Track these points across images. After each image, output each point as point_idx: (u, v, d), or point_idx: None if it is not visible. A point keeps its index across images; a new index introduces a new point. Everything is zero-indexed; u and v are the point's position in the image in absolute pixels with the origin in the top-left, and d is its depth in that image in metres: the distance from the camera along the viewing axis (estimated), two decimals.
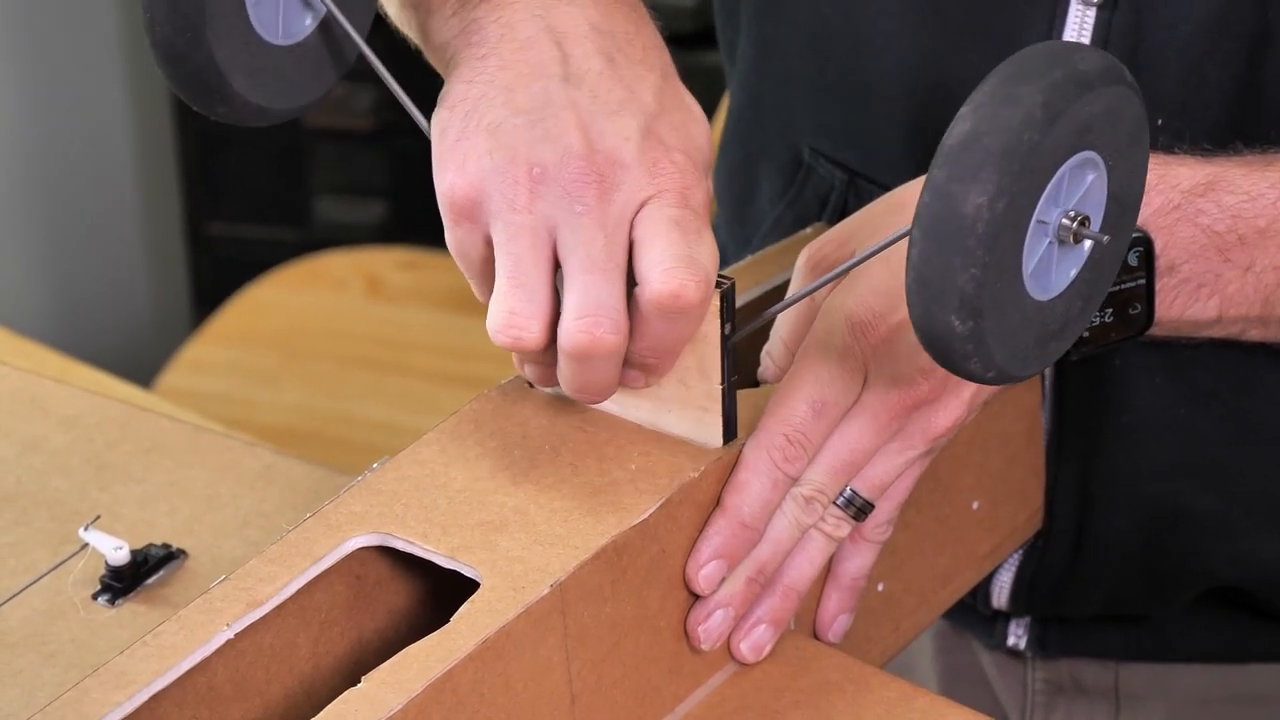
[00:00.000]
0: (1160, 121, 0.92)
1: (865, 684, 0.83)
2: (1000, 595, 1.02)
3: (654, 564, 0.79)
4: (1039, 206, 0.71)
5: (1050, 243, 0.73)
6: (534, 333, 0.77)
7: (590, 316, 0.77)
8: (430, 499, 0.80)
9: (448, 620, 0.74)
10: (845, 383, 0.81)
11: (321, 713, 0.71)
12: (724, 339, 0.80)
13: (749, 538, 0.81)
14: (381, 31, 0.92)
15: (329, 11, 0.86)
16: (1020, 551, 1.01)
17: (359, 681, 0.73)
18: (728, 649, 0.83)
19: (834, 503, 0.82)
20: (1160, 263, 0.86)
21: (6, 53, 2.32)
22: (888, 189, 0.90)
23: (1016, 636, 1.05)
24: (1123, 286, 0.86)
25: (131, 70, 2.42)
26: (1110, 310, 0.87)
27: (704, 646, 0.81)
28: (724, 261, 1.03)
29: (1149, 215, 0.85)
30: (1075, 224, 0.72)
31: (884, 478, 0.82)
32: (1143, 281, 0.85)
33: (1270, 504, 0.99)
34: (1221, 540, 0.99)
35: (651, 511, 0.78)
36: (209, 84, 0.83)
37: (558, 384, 0.80)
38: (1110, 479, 0.98)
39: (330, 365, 2.08)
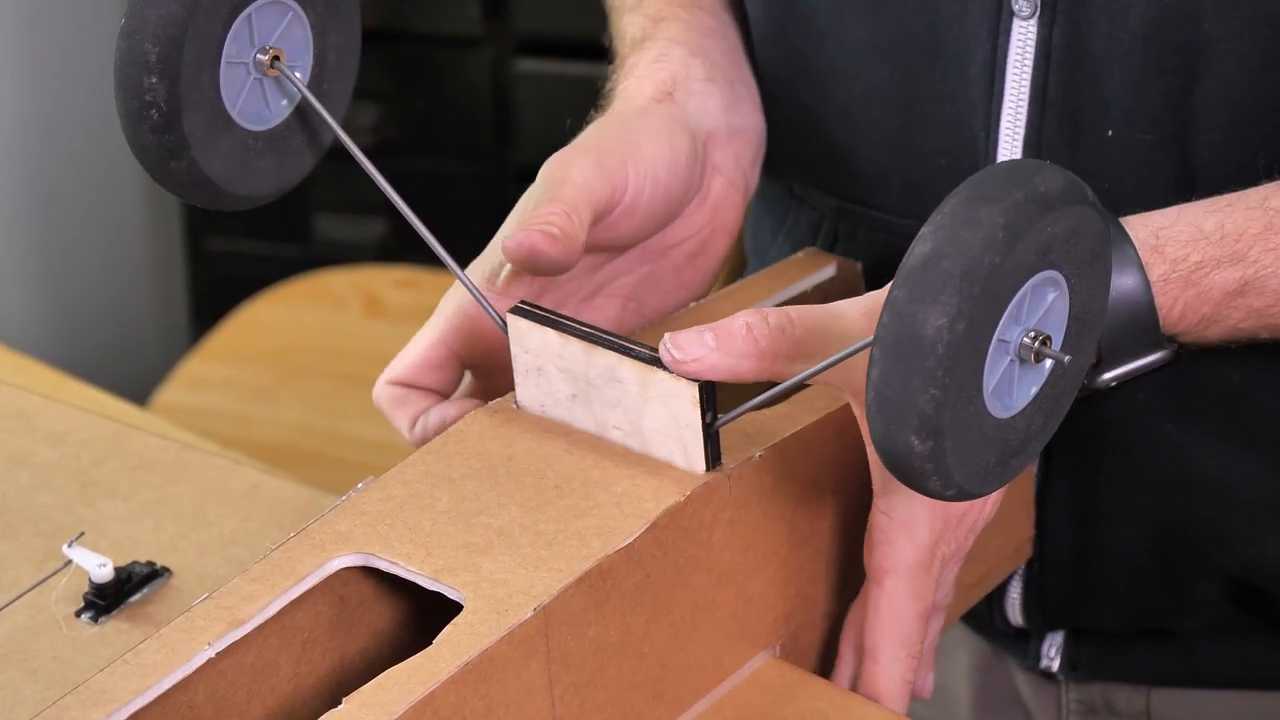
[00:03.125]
0: (1110, 133, 0.92)
1: (849, 713, 0.82)
2: (1014, 612, 1.03)
3: (638, 589, 0.78)
4: (1000, 326, 0.71)
5: (1011, 361, 0.73)
6: None
7: None
8: (415, 520, 0.79)
9: (430, 642, 0.74)
10: (930, 582, 0.84)
11: None
12: (705, 427, 0.80)
13: None
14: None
15: (304, 97, 0.86)
16: (1022, 572, 1.01)
17: (340, 703, 0.72)
18: (713, 674, 0.83)
19: None
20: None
21: (9, 63, 2.32)
22: (873, 213, 0.90)
23: (1049, 658, 1.05)
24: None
25: None
26: None
27: None
28: None
29: (1187, 326, 0.87)
30: (1036, 343, 0.72)
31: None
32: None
33: (1272, 509, 0.98)
34: (1227, 547, 0.99)
35: (636, 536, 0.78)
36: (195, 179, 0.84)
37: None
38: (1107, 493, 0.98)
39: (327, 383, 2.08)
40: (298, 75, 0.86)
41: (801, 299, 0.97)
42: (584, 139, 0.91)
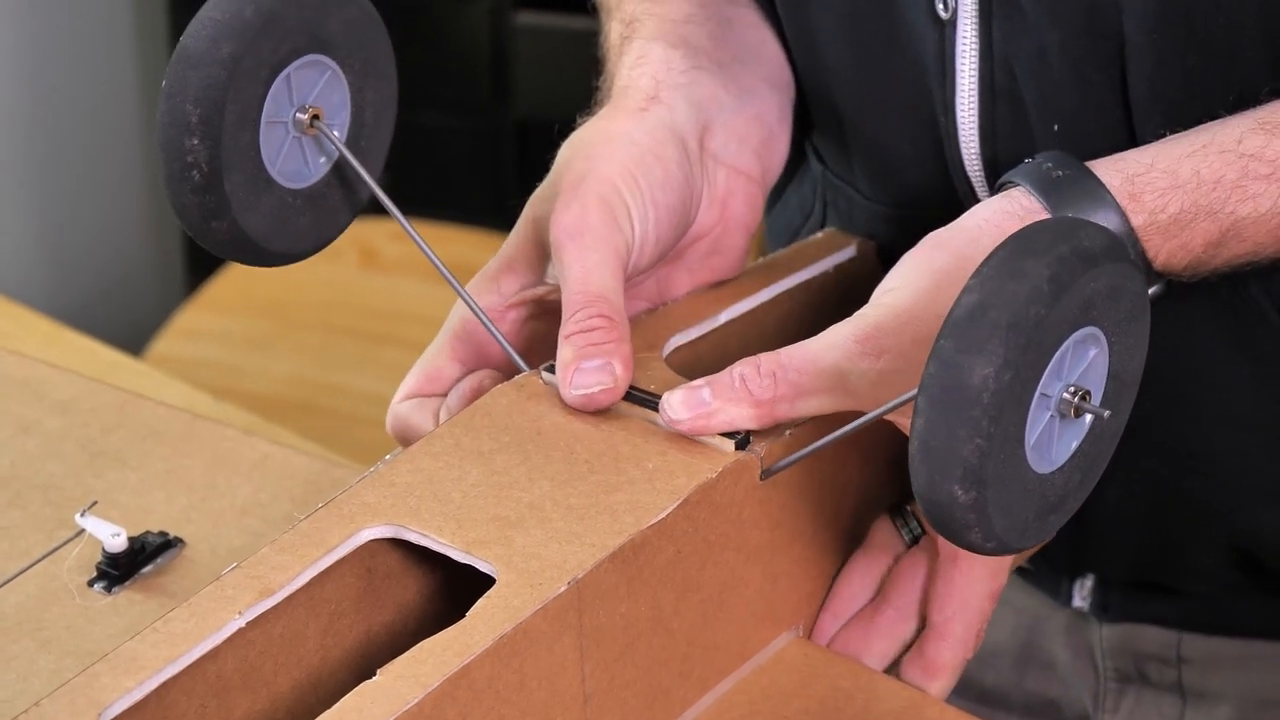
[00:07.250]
0: (1057, 127, 0.91)
1: (874, 692, 0.82)
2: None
3: (670, 565, 0.78)
4: (1043, 380, 0.71)
5: (1052, 416, 0.73)
6: None
7: None
8: (444, 492, 0.79)
9: (458, 616, 0.74)
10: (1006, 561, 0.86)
11: (338, 704, 0.71)
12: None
13: None
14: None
15: (341, 155, 0.85)
16: None
17: (368, 675, 0.72)
18: (738, 653, 0.82)
19: None
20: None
21: (9, 8, 2.30)
22: (847, 188, 0.93)
23: (1081, 598, 1.06)
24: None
25: (134, 31, 2.41)
26: None
27: None
28: None
29: (1170, 272, 0.86)
30: (1077, 398, 0.73)
31: None
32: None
33: (1254, 484, 0.98)
34: (1216, 521, 0.99)
35: (669, 511, 0.78)
36: (235, 238, 0.84)
37: None
38: None
39: (322, 335, 2.07)
40: (336, 134, 0.86)
41: (821, 279, 0.97)
42: (581, 176, 0.87)
